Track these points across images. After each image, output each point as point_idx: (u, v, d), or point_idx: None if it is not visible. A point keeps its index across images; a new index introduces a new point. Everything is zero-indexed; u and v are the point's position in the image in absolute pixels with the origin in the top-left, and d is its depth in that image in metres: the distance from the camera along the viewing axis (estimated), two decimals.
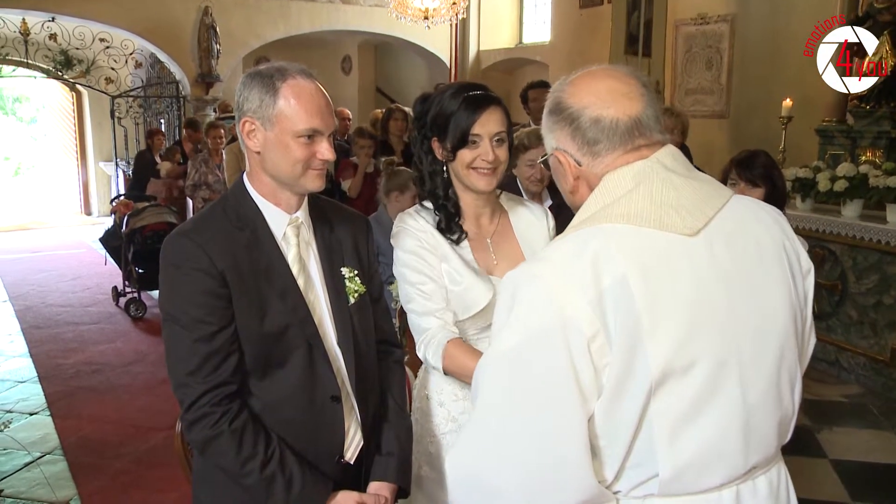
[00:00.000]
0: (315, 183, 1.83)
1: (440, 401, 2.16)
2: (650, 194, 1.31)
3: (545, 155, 1.49)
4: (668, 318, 1.23)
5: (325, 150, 1.80)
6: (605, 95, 1.36)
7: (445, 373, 2.06)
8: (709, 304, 1.28)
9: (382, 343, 2.06)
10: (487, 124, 2.03)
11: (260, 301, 1.78)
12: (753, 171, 3.12)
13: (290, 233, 1.87)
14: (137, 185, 8.99)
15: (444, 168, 2.11)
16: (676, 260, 1.28)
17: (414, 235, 2.10)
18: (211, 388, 1.73)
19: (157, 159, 9.15)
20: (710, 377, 1.27)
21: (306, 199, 1.91)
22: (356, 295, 1.93)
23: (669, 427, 1.26)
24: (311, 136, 1.77)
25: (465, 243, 2.12)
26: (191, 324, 1.73)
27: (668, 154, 1.37)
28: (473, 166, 2.05)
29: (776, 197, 3.15)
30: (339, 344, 1.89)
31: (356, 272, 1.95)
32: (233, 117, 8.07)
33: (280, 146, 1.77)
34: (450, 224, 2.10)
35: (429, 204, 2.16)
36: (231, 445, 1.73)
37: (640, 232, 1.28)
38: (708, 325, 1.28)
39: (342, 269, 1.93)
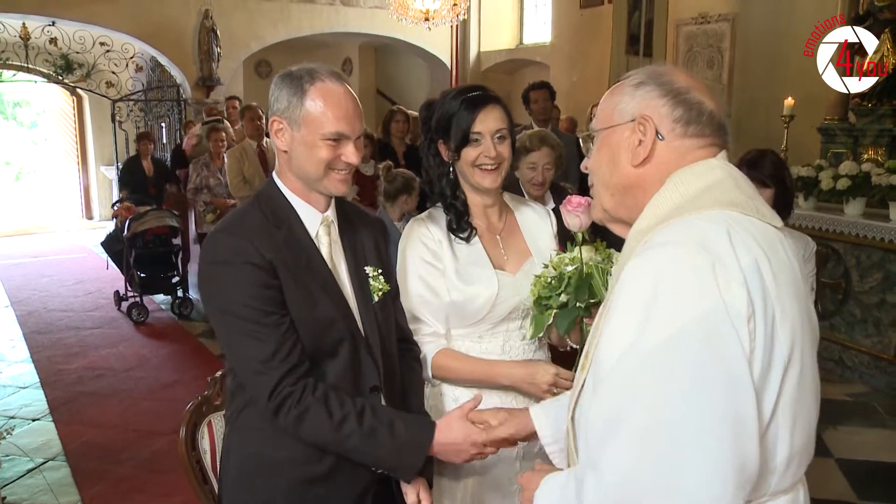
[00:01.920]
0: (338, 187, 1.85)
1: (455, 397, 2.22)
2: (739, 188, 1.32)
3: (605, 126, 1.41)
4: (788, 304, 1.23)
5: (349, 153, 1.81)
6: (706, 90, 1.38)
7: (434, 377, 2.20)
8: (801, 293, 1.31)
9: (401, 341, 2.08)
10: (487, 121, 2.09)
11: (309, 291, 1.80)
12: (763, 171, 3.08)
13: (322, 231, 1.90)
14: (127, 189, 8.67)
15: (451, 169, 2.17)
16: (778, 249, 1.29)
17: (422, 243, 2.17)
18: (288, 370, 1.74)
19: (145, 164, 8.96)
20: (809, 364, 1.29)
21: (333, 198, 1.94)
22: (380, 293, 1.96)
23: (792, 412, 1.24)
24: (337, 139, 1.79)
25: (475, 240, 2.18)
26: (254, 315, 1.73)
27: (725, 157, 1.39)
28: (477, 164, 2.11)
29: (786, 197, 3.12)
30: (367, 340, 1.92)
31: (379, 271, 1.98)
32: (219, 120, 7.98)
33: (306, 147, 1.79)
34: (460, 222, 2.16)
35: (439, 207, 2.22)
36: (322, 414, 1.74)
37: (750, 220, 1.28)
38: (804, 313, 1.29)
39: (366, 268, 1.96)
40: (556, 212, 2.52)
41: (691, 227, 1.25)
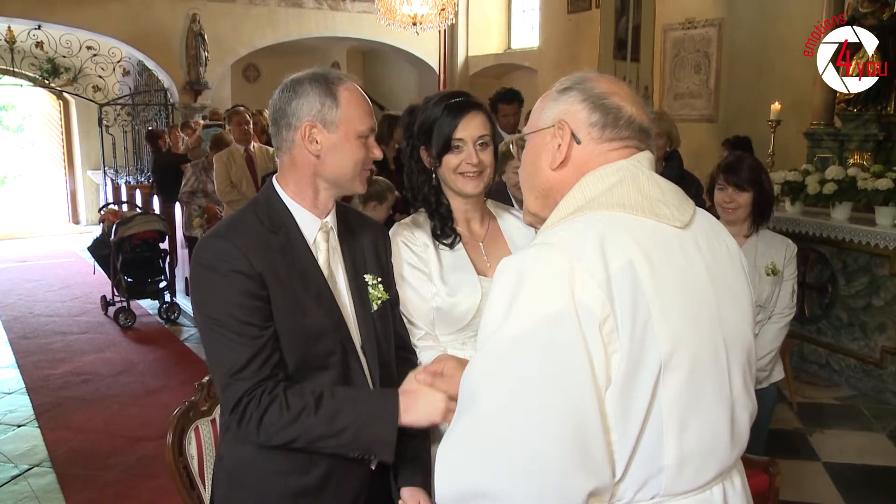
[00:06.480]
0: (365, 185, 1.91)
1: None
2: (638, 188, 1.34)
3: (529, 131, 1.48)
4: (672, 305, 1.25)
5: (375, 148, 1.87)
6: (629, 96, 1.42)
7: None
8: (702, 294, 1.32)
9: (399, 349, 2.07)
10: (468, 128, 2.09)
11: (299, 302, 1.78)
12: (740, 175, 3.11)
13: (321, 238, 1.88)
14: (163, 188, 8.50)
15: (433, 175, 2.16)
16: (673, 249, 1.31)
17: (408, 247, 2.15)
18: (255, 384, 1.71)
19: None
20: (708, 365, 1.30)
21: (335, 205, 1.93)
22: (379, 302, 1.94)
23: (678, 414, 1.25)
24: (367, 136, 1.83)
25: (459, 246, 2.17)
26: (234, 325, 1.71)
27: (647, 157, 1.41)
28: (459, 171, 2.10)
29: (764, 200, 3.15)
30: (363, 349, 1.90)
31: (379, 279, 1.97)
32: (220, 125, 7.88)
33: (343, 147, 1.81)
34: (444, 228, 2.15)
35: (422, 212, 2.21)
36: (280, 410, 1.70)
37: (638, 221, 1.31)
38: (703, 314, 1.31)
39: (365, 276, 1.95)
40: None
41: (568, 229, 1.30)
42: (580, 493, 1.18)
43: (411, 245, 2.15)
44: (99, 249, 7.62)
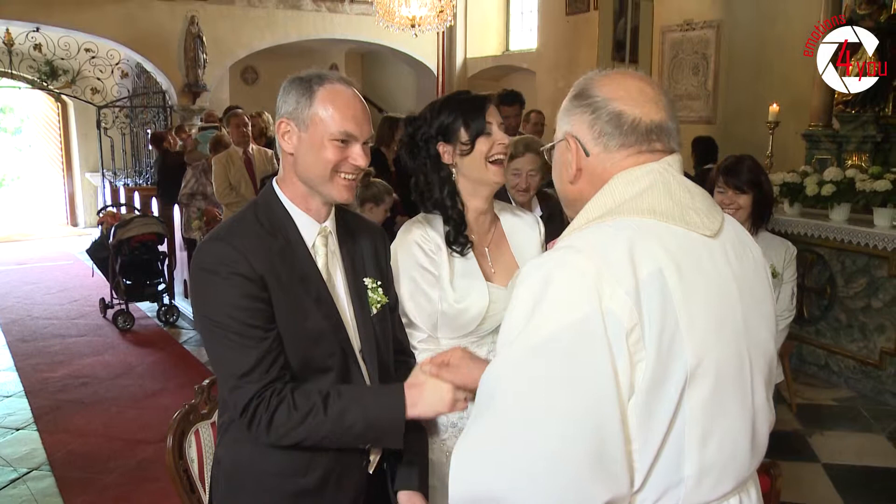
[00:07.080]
0: (342, 193, 1.82)
1: None
2: (669, 194, 1.32)
3: (552, 143, 1.48)
4: (699, 315, 1.24)
5: (357, 155, 1.80)
6: (634, 94, 1.37)
7: None
8: (729, 304, 1.31)
9: (398, 353, 2.06)
10: (493, 113, 2.13)
11: (300, 305, 1.78)
12: (740, 177, 3.11)
13: (319, 242, 1.87)
14: (166, 190, 8.45)
15: (452, 175, 2.15)
16: (702, 258, 1.30)
17: (420, 247, 2.14)
18: (263, 386, 1.71)
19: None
20: (732, 376, 1.29)
21: (334, 208, 1.92)
22: (378, 305, 1.94)
23: (701, 424, 1.24)
24: (345, 140, 1.78)
25: (469, 252, 2.16)
26: (238, 328, 1.70)
27: (676, 160, 1.39)
28: (491, 154, 2.10)
29: (763, 202, 3.14)
30: (362, 354, 1.90)
31: (378, 283, 1.96)
32: (216, 127, 7.85)
33: (313, 147, 1.77)
34: (458, 236, 2.13)
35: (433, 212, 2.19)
36: (289, 411, 1.71)
37: (668, 228, 1.29)
38: (729, 324, 1.29)
39: (365, 279, 1.94)
40: (545, 219, 2.52)
41: (596, 233, 1.29)
42: (595, 500, 1.17)
43: (424, 244, 2.13)
44: (97, 252, 7.60)
